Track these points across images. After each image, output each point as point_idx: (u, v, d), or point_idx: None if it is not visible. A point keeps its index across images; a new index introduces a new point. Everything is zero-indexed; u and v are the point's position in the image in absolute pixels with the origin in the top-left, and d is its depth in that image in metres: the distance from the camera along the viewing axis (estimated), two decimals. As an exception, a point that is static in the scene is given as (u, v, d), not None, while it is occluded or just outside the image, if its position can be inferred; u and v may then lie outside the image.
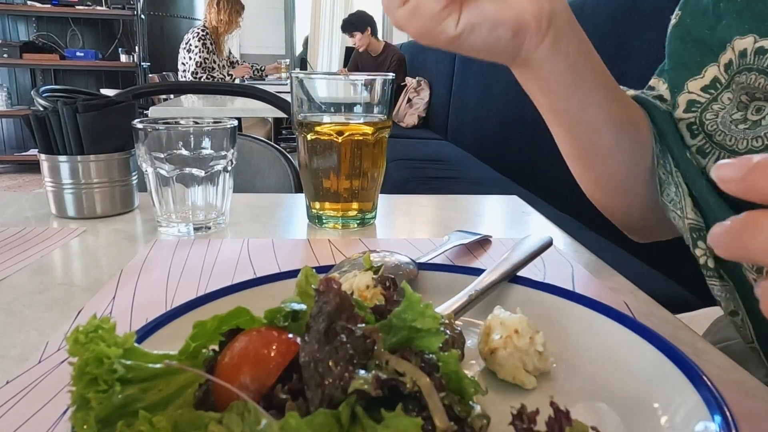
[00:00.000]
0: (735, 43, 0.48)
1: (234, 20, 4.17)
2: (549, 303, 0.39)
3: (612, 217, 0.62)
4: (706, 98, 0.52)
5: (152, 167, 0.63)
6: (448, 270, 0.45)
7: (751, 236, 0.22)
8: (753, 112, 0.49)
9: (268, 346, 0.26)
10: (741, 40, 0.48)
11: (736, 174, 0.23)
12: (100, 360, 0.24)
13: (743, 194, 0.23)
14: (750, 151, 0.48)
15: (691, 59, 0.53)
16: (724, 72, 0.50)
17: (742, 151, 0.49)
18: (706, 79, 0.52)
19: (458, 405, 0.25)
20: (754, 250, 0.22)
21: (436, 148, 3.08)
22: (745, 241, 0.22)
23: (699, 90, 0.52)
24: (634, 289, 0.51)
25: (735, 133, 0.50)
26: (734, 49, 0.49)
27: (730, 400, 0.27)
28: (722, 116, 0.51)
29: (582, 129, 0.52)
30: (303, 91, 0.65)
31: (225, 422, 0.22)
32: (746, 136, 0.49)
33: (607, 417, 0.30)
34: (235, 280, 0.51)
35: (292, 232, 0.69)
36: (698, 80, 0.52)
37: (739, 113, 0.50)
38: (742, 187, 0.23)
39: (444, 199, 0.85)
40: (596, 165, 0.56)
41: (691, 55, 0.53)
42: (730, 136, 0.50)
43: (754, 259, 0.22)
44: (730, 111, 0.50)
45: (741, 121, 0.50)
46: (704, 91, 0.52)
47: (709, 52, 0.51)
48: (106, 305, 0.46)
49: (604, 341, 0.36)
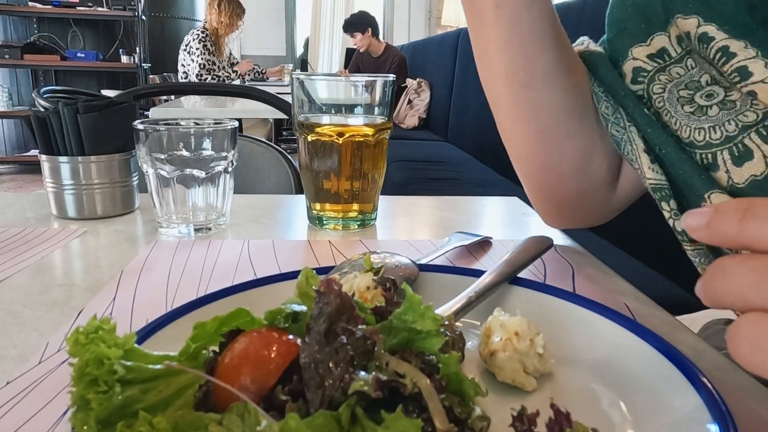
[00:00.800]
0: (678, 21, 0.46)
1: (234, 23, 4.18)
2: (549, 304, 0.39)
3: (532, 184, 0.60)
4: (653, 66, 0.49)
5: (153, 168, 0.63)
6: (449, 271, 0.45)
7: (720, 282, 0.23)
8: (703, 96, 0.45)
9: (268, 347, 0.26)
10: (684, 20, 0.45)
11: (701, 222, 0.24)
12: (101, 361, 0.24)
13: (710, 240, 0.24)
14: (691, 143, 0.45)
15: (636, 26, 0.50)
16: (677, 44, 0.47)
17: (685, 140, 0.46)
18: (653, 47, 0.49)
19: (458, 406, 0.25)
20: (723, 295, 0.23)
21: (436, 149, 3.08)
22: (716, 287, 0.23)
23: (645, 57, 0.49)
24: (634, 290, 0.51)
25: (680, 117, 0.46)
26: (678, 25, 0.46)
27: (730, 402, 0.27)
28: (669, 90, 0.47)
29: (514, 42, 0.51)
30: (304, 92, 0.65)
31: (225, 423, 0.22)
32: (690, 123, 0.45)
33: (607, 418, 0.30)
34: (235, 281, 0.51)
35: (292, 233, 0.69)
36: (644, 47, 0.49)
37: (687, 92, 0.46)
38: (708, 234, 0.24)
39: (444, 200, 0.85)
40: (526, 92, 0.53)
41: (635, 23, 0.50)
42: (675, 119, 0.47)
43: (726, 304, 0.23)
44: (678, 85, 0.47)
45: (687, 101, 0.46)
46: (651, 59, 0.49)
47: (656, 19, 0.48)
48: (107, 306, 0.46)
49: (605, 343, 0.36)
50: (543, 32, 0.51)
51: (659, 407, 0.30)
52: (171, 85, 3.85)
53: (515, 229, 0.74)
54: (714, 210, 0.24)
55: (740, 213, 0.23)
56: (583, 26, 1.66)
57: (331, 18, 6.72)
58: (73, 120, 0.66)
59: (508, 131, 0.58)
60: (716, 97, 0.44)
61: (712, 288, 0.23)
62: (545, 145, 0.55)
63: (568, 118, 0.54)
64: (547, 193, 0.60)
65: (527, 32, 0.51)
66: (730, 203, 0.24)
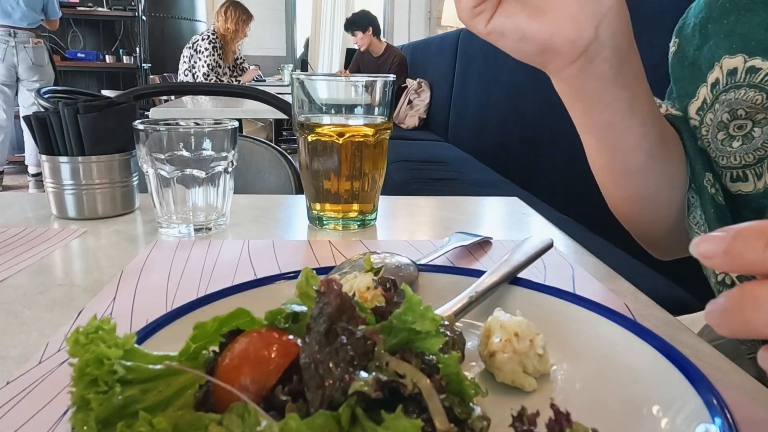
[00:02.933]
0: (724, 62, 0.48)
1: (241, 29, 4.21)
2: (549, 305, 0.39)
3: (635, 233, 0.61)
4: (698, 120, 0.52)
5: (153, 168, 0.63)
6: (449, 271, 0.45)
7: (752, 311, 0.21)
8: (734, 129, 0.49)
9: (268, 347, 0.26)
10: (730, 59, 0.48)
11: (717, 248, 0.22)
12: (101, 361, 0.24)
13: (728, 268, 0.22)
14: (744, 165, 0.49)
15: (689, 83, 0.53)
16: (710, 92, 0.50)
17: (738, 166, 0.50)
18: (699, 100, 0.52)
19: (458, 407, 0.25)
20: (756, 325, 0.21)
21: (436, 149, 3.08)
22: (746, 317, 0.21)
23: (695, 113, 0.52)
24: (634, 290, 0.51)
25: (726, 153, 0.50)
26: (722, 68, 0.49)
27: (731, 403, 0.27)
28: (711, 136, 0.51)
29: (611, 144, 0.51)
30: (304, 93, 0.65)
31: (225, 423, 0.22)
32: (738, 152, 0.49)
33: (607, 419, 0.30)
34: (235, 281, 0.51)
35: (292, 233, 0.69)
36: (694, 103, 0.52)
37: (721, 133, 0.50)
38: (727, 262, 0.22)
39: (444, 200, 0.85)
40: (624, 181, 0.54)
41: (688, 80, 0.53)
42: (722, 157, 0.51)
43: (758, 334, 0.21)
44: (713, 132, 0.51)
45: (726, 140, 0.50)
46: (697, 114, 0.52)
47: (700, 72, 0.51)
48: (107, 306, 0.46)
49: (605, 343, 0.36)
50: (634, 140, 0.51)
51: (659, 407, 0.30)
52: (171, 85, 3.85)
53: (515, 229, 0.74)
54: (732, 235, 0.22)
55: (764, 237, 0.21)
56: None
57: (331, 18, 6.72)
58: (73, 120, 0.66)
59: (612, 204, 0.60)
60: (746, 127, 0.50)
61: (742, 318, 0.21)
62: (652, 215, 0.57)
63: (669, 192, 0.55)
64: (661, 243, 0.62)
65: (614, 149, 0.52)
66: (749, 227, 0.22)
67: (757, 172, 0.49)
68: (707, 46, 0.50)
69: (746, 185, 0.50)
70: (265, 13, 6.40)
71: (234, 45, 4.27)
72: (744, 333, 0.22)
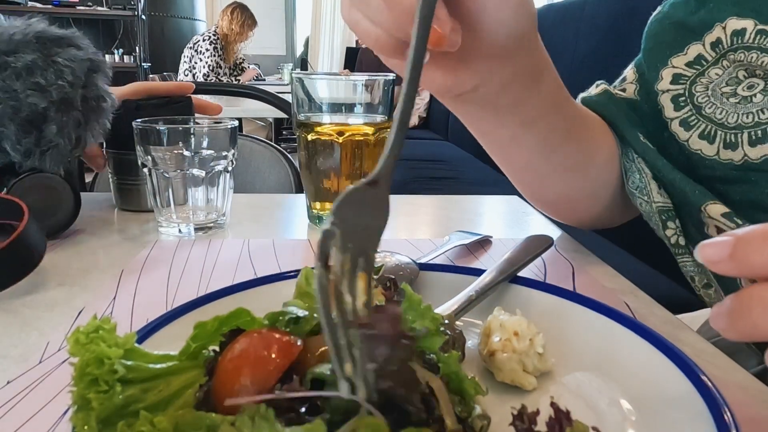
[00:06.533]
0: (728, 23, 0.49)
1: (244, 32, 4.23)
2: (549, 303, 0.39)
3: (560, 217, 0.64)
4: (693, 72, 0.53)
5: (153, 168, 0.63)
6: (449, 270, 0.45)
7: (759, 314, 0.21)
8: (744, 88, 0.50)
9: (268, 347, 0.26)
10: (738, 21, 0.49)
11: (723, 253, 0.22)
12: (101, 360, 0.24)
13: (736, 273, 0.22)
14: (739, 126, 0.49)
15: (673, 39, 0.54)
16: (711, 50, 0.51)
17: (731, 125, 0.50)
18: (689, 56, 0.53)
19: (459, 405, 0.25)
20: (764, 328, 0.21)
21: (436, 148, 3.08)
22: (754, 320, 0.21)
23: (683, 65, 0.53)
24: (634, 289, 0.51)
25: (726, 106, 0.50)
26: (725, 28, 0.50)
27: (731, 401, 0.27)
28: (712, 89, 0.51)
29: (510, 157, 0.56)
30: (304, 92, 0.65)
31: (237, 425, 0.22)
32: (737, 110, 0.49)
33: (607, 417, 0.30)
34: (235, 280, 0.51)
35: (292, 232, 0.69)
36: (681, 57, 0.53)
37: (729, 88, 0.50)
38: (733, 266, 0.22)
39: (444, 199, 0.85)
40: (534, 183, 0.59)
41: (672, 36, 0.54)
42: (721, 109, 0.51)
43: (767, 336, 0.21)
44: (719, 84, 0.51)
45: (731, 95, 0.50)
46: (689, 66, 0.53)
47: (691, 32, 0.52)
48: (107, 306, 0.46)
49: (605, 342, 0.36)
50: (536, 151, 0.54)
51: (659, 406, 0.30)
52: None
53: (515, 227, 0.74)
54: (736, 239, 0.22)
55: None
56: (583, 26, 1.66)
57: (331, 18, 6.71)
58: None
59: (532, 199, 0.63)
60: (757, 86, 0.49)
61: (750, 321, 0.21)
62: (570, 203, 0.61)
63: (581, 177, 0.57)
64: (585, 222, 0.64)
65: (514, 161, 0.57)
66: (754, 231, 0.22)
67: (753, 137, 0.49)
68: (704, 9, 0.51)
69: (710, 148, 0.51)
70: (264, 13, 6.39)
71: (236, 46, 4.28)
72: (752, 336, 0.22)
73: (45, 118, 0.57)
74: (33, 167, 0.58)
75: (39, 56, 0.57)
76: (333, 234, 0.23)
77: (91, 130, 0.61)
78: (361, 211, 0.25)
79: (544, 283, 0.42)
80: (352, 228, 0.24)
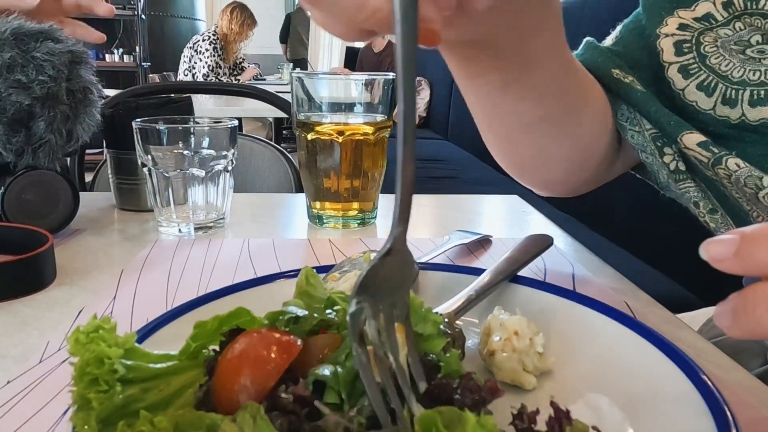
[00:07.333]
0: None
1: (244, 32, 4.23)
2: (549, 303, 0.39)
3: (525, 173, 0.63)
4: (701, 26, 0.51)
5: (153, 167, 0.63)
6: (449, 270, 0.45)
7: (764, 312, 0.21)
8: (755, 51, 0.48)
9: (268, 347, 0.26)
10: None
11: (728, 251, 0.22)
12: (101, 360, 0.24)
13: (741, 271, 0.22)
14: (743, 81, 0.48)
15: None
16: (723, 9, 0.49)
17: (735, 79, 0.48)
18: (698, 12, 0.51)
19: (459, 405, 0.25)
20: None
21: (436, 148, 3.08)
22: (759, 317, 0.21)
23: (691, 19, 0.51)
24: (634, 288, 0.51)
25: (735, 60, 0.49)
26: None
27: (732, 400, 0.27)
28: (721, 43, 0.50)
29: (497, 107, 0.52)
30: (303, 91, 0.65)
31: (238, 421, 0.22)
32: (744, 65, 0.48)
33: (607, 417, 0.30)
34: (235, 280, 0.51)
35: (292, 231, 0.69)
36: (689, 11, 0.51)
37: (739, 47, 0.49)
38: (737, 264, 0.22)
39: (444, 198, 0.85)
40: (517, 139, 0.57)
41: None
42: (728, 61, 0.49)
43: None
44: (727, 42, 0.50)
45: (739, 52, 0.49)
46: (697, 21, 0.51)
47: None
48: (107, 305, 0.46)
49: (605, 341, 0.36)
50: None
51: (659, 405, 0.30)
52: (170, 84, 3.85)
53: (515, 227, 0.74)
54: (742, 237, 0.22)
55: None
56: (583, 26, 1.66)
57: (331, 17, 6.70)
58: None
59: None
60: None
61: (755, 319, 0.21)
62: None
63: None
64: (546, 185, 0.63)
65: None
66: (759, 229, 0.22)
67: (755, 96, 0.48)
68: None
69: (706, 101, 0.50)
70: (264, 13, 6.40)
71: (235, 46, 4.28)
72: (756, 334, 0.22)
73: (31, 115, 0.57)
74: (28, 165, 0.58)
75: (17, 53, 0.56)
76: (360, 312, 0.24)
77: (81, 123, 0.61)
78: (384, 282, 0.25)
79: (544, 283, 0.42)
80: (379, 297, 0.25)
